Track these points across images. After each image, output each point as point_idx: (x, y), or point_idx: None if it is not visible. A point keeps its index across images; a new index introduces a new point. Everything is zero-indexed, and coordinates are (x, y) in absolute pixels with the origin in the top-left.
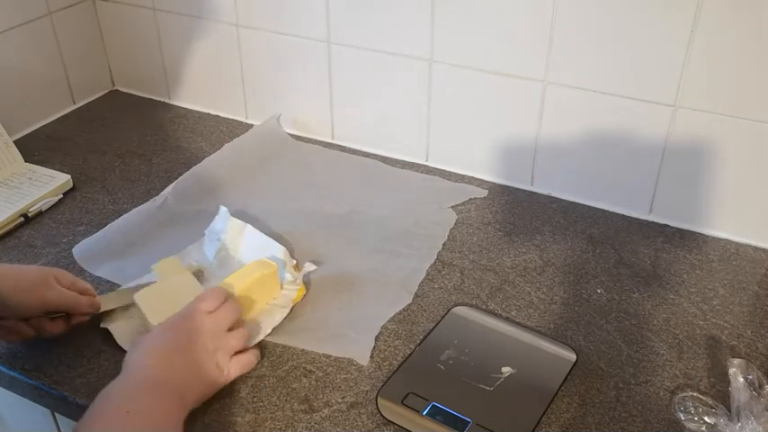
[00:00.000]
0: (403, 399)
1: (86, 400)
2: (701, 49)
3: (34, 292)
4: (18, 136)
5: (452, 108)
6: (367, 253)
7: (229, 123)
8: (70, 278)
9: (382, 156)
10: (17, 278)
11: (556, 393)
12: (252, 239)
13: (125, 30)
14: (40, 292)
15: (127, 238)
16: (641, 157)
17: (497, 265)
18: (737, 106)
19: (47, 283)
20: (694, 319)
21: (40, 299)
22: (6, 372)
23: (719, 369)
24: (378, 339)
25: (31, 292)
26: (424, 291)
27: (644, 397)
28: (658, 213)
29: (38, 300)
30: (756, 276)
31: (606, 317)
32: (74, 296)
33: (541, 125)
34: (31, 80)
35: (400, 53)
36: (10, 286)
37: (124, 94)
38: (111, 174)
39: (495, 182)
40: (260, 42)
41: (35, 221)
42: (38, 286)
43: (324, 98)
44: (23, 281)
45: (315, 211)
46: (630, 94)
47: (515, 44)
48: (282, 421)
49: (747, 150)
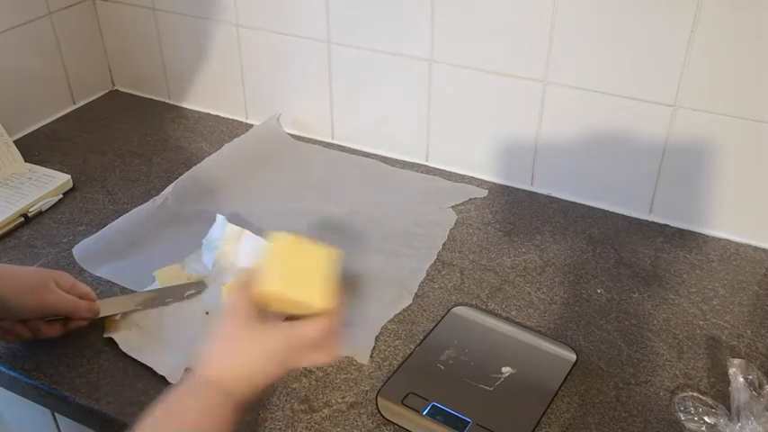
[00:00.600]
0: (403, 399)
1: (86, 400)
2: (701, 49)
3: (34, 295)
4: (18, 136)
5: (452, 108)
6: (367, 253)
7: (229, 123)
8: (70, 281)
9: (382, 156)
10: (17, 280)
11: (556, 393)
12: (250, 244)
13: (125, 30)
14: (39, 295)
15: (127, 238)
16: (641, 157)
17: (497, 265)
18: (737, 106)
19: (47, 287)
20: (694, 319)
21: (40, 302)
22: (6, 372)
23: (719, 369)
24: (378, 339)
25: (31, 294)
26: (424, 291)
27: (644, 397)
28: (658, 213)
29: (37, 303)
30: (756, 276)
31: (606, 317)
32: (73, 300)
33: (541, 125)
34: (31, 80)
35: (400, 53)
36: (10, 288)
37: (124, 94)
38: (111, 174)
39: (495, 182)
40: (260, 42)
41: (35, 221)
42: (38, 289)
43: (324, 98)
44: (23, 283)
45: (315, 211)
46: (630, 94)
47: (515, 44)
48: (282, 421)
49: (747, 150)
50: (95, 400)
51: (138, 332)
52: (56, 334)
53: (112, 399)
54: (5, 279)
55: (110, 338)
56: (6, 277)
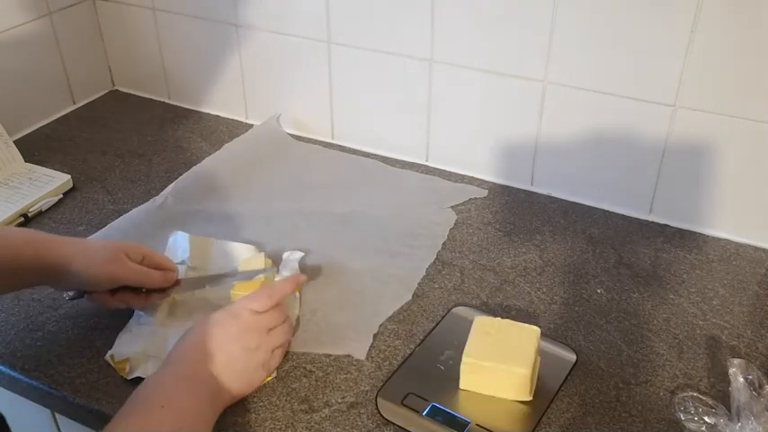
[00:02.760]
0: (403, 399)
1: (86, 400)
2: (701, 49)
3: (104, 268)
4: (18, 136)
5: (452, 108)
6: (367, 253)
7: (229, 123)
8: (141, 253)
9: (382, 156)
10: (89, 254)
11: (556, 393)
12: (219, 249)
13: (125, 30)
14: (108, 268)
15: (127, 238)
16: (641, 157)
17: (497, 265)
18: (737, 106)
19: (117, 260)
20: (694, 319)
21: (110, 275)
22: (6, 372)
23: (719, 369)
24: (378, 339)
25: (101, 267)
26: (424, 291)
27: (644, 397)
28: (658, 213)
29: (108, 276)
30: (756, 276)
31: (606, 317)
32: (144, 272)
33: (541, 125)
34: (31, 80)
35: (400, 53)
36: (83, 264)
37: (124, 94)
38: (111, 174)
39: (495, 182)
40: (260, 42)
41: (35, 221)
42: (107, 263)
43: (324, 98)
44: (93, 257)
45: (315, 211)
46: (630, 94)
47: (515, 44)
48: (282, 421)
49: (747, 150)
50: (95, 400)
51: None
52: (141, 305)
53: (112, 399)
54: (78, 255)
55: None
56: (79, 253)
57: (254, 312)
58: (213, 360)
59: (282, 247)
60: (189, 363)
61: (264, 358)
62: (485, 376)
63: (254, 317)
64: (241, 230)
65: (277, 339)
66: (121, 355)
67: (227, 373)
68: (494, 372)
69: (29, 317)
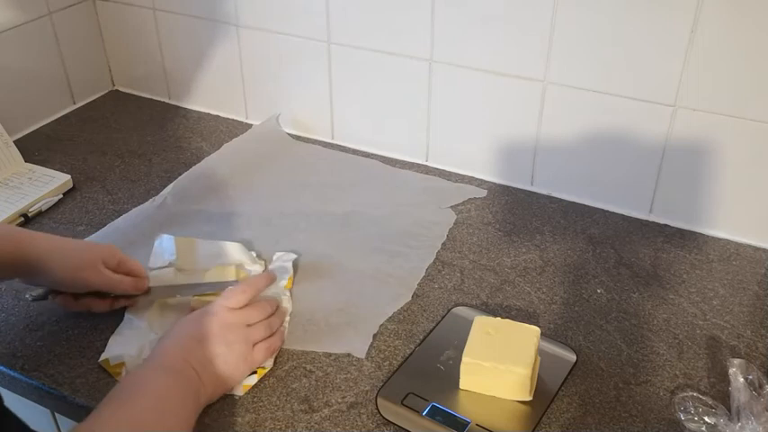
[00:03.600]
0: (403, 399)
1: (86, 400)
2: (701, 49)
3: (79, 273)
4: (18, 136)
5: (452, 108)
6: (367, 253)
7: (229, 123)
8: (116, 259)
9: (382, 156)
10: (65, 257)
11: (556, 393)
12: (205, 249)
13: (125, 30)
14: (83, 274)
15: (127, 238)
16: (641, 157)
17: (497, 265)
18: (737, 106)
19: (92, 267)
20: (694, 319)
21: (84, 280)
22: (6, 372)
23: (719, 369)
24: (378, 339)
25: (76, 272)
26: (424, 291)
27: (644, 397)
28: (658, 213)
29: (82, 281)
30: (756, 276)
31: (606, 317)
32: (117, 279)
33: (541, 125)
34: (31, 80)
35: (400, 53)
36: (58, 264)
37: (124, 94)
38: (111, 174)
39: (494, 182)
40: (260, 42)
41: (35, 221)
42: (82, 269)
43: (324, 98)
44: (70, 259)
45: (315, 211)
46: (630, 94)
47: (515, 44)
48: (282, 421)
49: (747, 150)
50: (95, 400)
51: None
52: (103, 309)
53: None
54: (55, 254)
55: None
56: (56, 253)
57: (230, 309)
58: (194, 354)
59: (282, 247)
60: (170, 356)
61: (244, 351)
62: (485, 376)
63: (230, 313)
64: (241, 230)
65: (257, 334)
66: (115, 358)
67: (208, 367)
68: (494, 372)
69: (29, 317)
